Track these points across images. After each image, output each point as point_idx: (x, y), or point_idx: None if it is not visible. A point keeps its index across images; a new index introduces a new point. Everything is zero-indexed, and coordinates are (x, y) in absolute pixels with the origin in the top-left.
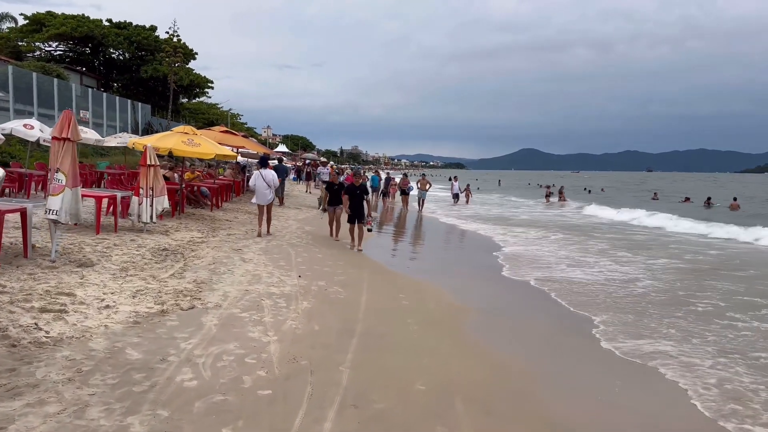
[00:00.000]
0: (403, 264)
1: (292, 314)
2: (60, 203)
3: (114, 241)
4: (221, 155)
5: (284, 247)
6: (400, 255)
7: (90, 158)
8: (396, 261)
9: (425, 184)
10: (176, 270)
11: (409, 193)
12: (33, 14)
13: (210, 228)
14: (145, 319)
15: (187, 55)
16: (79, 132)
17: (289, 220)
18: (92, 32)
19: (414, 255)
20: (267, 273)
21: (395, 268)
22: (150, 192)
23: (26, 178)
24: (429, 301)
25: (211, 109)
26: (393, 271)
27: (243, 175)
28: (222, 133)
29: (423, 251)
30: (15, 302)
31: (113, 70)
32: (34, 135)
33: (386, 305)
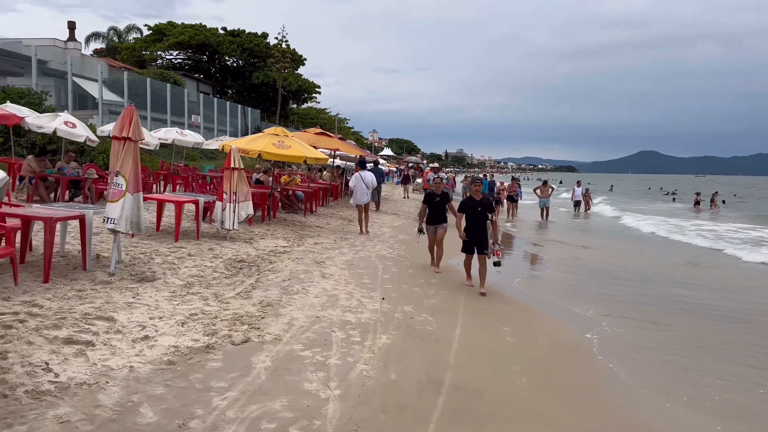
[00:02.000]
0: (510, 284)
1: (365, 353)
2: (119, 210)
3: (191, 250)
4: (312, 158)
5: (372, 260)
6: (508, 272)
7: (197, 161)
8: (502, 280)
9: (547, 190)
10: (245, 287)
11: (517, 200)
12: (155, 25)
13: (297, 236)
14: (184, 358)
15: (296, 60)
16: (141, 131)
17: (384, 227)
18: (208, 40)
19: (530, 273)
20: (346, 293)
21: (502, 289)
22: (234, 197)
23: None
24: (541, 338)
25: (320, 113)
26: (498, 293)
27: (342, 178)
28: (317, 135)
29: (542, 268)
30: (41, 329)
31: (227, 77)
32: None
33: (486, 343)
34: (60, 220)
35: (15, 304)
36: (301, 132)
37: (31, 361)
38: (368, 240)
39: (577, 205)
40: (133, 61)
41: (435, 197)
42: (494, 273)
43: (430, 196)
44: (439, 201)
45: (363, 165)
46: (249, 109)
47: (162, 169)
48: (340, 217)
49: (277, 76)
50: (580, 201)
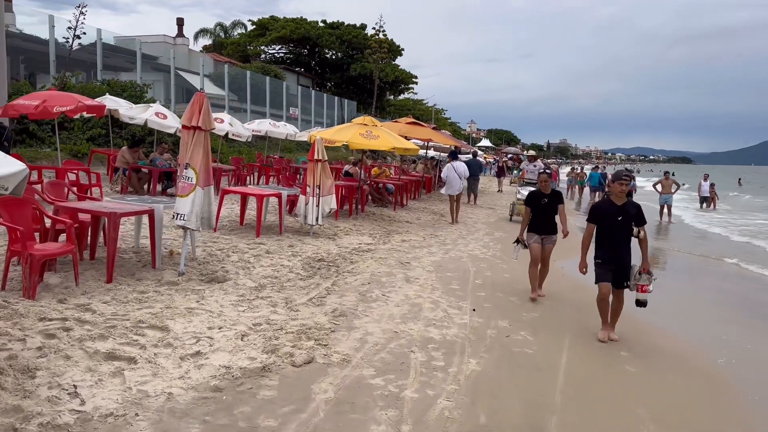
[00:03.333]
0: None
1: (449, 384)
2: (190, 206)
3: (270, 246)
4: (401, 149)
5: (463, 261)
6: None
7: (293, 153)
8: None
9: (669, 184)
10: (319, 292)
11: (631, 194)
12: (259, 20)
13: (384, 232)
14: (233, 383)
15: (393, 51)
16: (212, 120)
17: (478, 223)
18: (308, 33)
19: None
20: (431, 302)
21: None
22: (317, 190)
23: None
24: (667, 370)
25: (417, 104)
26: None
27: (436, 170)
28: (409, 124)
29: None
30: (84, 340)
31: (327, 69)
32: (223, 129)
33: (599, 373)
34: (124, 215)
35: (68, 307)
36: (392, 122)
37: (60, 382)
38: (460, 237)
39: (704, 201)
40: (237, 56)
41: (542, 197)
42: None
43: (534, 196)
44: (547, 203)
45: (455, 156)
46: (345, 101)
47: (258, 161)
48: (432, 211)
49: (373, 68)
50: (707, 197)
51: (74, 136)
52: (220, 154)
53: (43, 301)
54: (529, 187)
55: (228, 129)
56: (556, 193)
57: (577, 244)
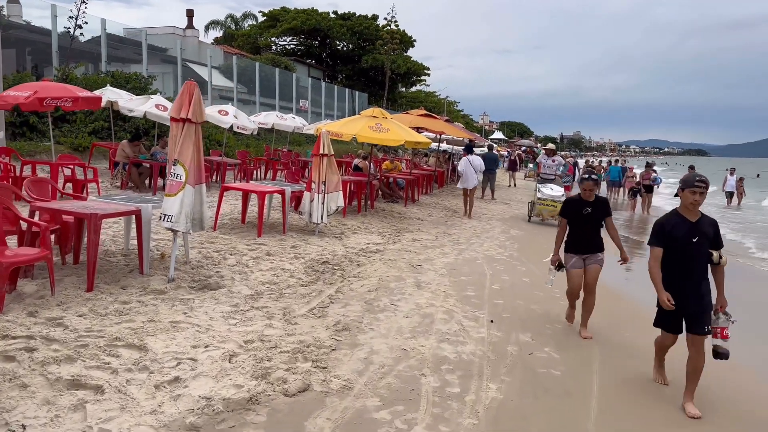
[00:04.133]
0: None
1: (466, 417)
2: (178, 206)
3: (271, 247)
4: (412, 142)
5: (478, 263)
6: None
7: (303, 146)
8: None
9: None
10: (322, 300)
11: (652, 191)
12: (269, 11)
13: (394, 230)
14: (213, 419)
15: (405, 42)
16: (203, 111)
17: (493, 219)
18: (319, 25)
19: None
20: (444, 312)
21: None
22: (323, 187)
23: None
24: (722, 395)
25: (429, 97)
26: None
27: (448, 164)
28: (421, 116)
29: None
30: (48, 363)
31: (338, 61)
32: (228, 122)
33: (637, 398)
34: (105, 217)
35: (38, 322)
36: (403, 114)
37: (8, 420)
38: (474, 235)
39: (730, 195)
40: (248, 48)
41: (583, 206)
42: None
43: (573, 205)
44: (590, 213)
45: (470, 150)
46: (356, 93)
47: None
48: (444, 207)
49: (385, 59)
50: (733, 192)
51: (76, 129)
52: (225, 148)
53: (10, 315)
54: (550, 185)
55: (233, 122)
56: (601, 201)
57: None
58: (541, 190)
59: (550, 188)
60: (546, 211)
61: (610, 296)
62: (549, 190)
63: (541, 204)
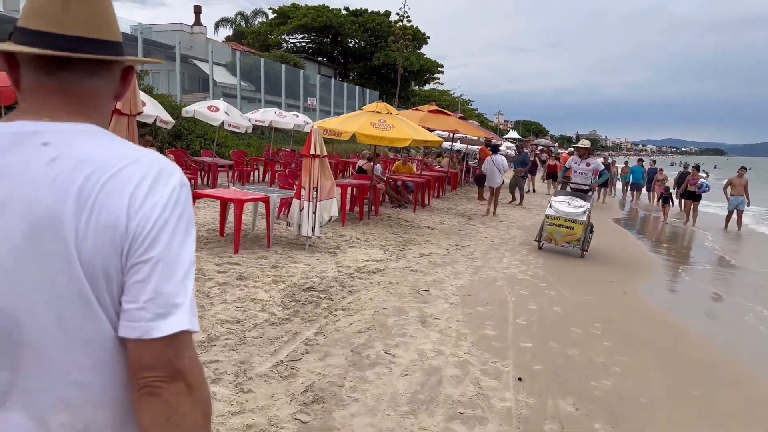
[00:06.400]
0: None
1: None
2: None
3: (248, 267)
4: (420, 140)
5: (498, 286)
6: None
7: None
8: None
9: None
10: (296, 347)
11: (699, 199)
12: (280, 8)
13: (399, 242)
14: None
15: (417, 39)
16: (138, 100)
17: (512, 227)
18: (330, 21)
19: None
20: (456, 364)
21: (742, 364)
22: (314, 194)
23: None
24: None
25: (443, 95)
26: (747, 373)
27: (462, 164)
28: (432, 113)
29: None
30: None
31: (349, 59)
32: (218, 119)
33: None
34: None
35: None
36: (413, 110)
37: None
38: (492, 248)
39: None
40: (258, 46)
41: None
42: None
43: None
44: None
45: (495, 150)
46: (367, 91)
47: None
48: (457, 212)
49: (397, 56)
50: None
51: None
52: (223, 148)
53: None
54: (566, 198)
55: (224, 119)
56: None
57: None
58: (553, 205)
59: (566, 202)
60: (558, 234)
61: (667, 328)
62: (564, 204)
63: (551, 223)
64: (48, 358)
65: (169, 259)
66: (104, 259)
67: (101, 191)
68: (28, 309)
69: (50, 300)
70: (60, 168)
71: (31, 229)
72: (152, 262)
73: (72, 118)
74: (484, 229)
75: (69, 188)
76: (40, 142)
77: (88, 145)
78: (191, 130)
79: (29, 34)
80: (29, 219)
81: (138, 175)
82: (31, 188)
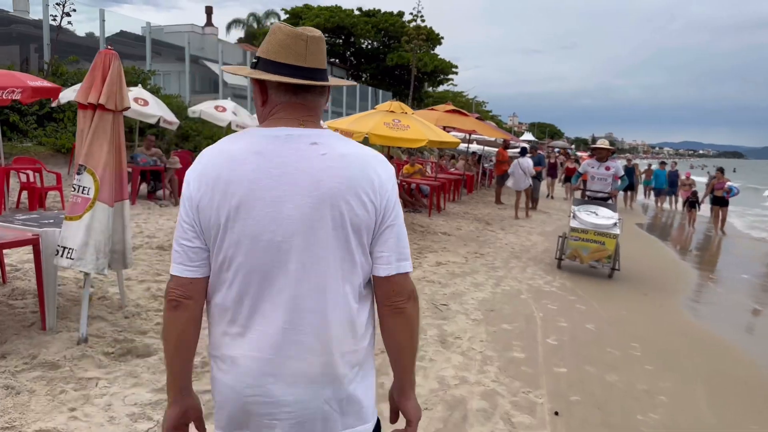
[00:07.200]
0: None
1: None
2: (83, 234)
3: None
4: (437, 141)
5: (523, 299)
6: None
7: None
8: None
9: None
10: None
11: (727, 204)
12: (292, 8)
13: (415, 249)
14: None
15: (432, 39)
16: (125, 94)
17: (533, 233)
18: (343, 22)
19: None
20: (483, 395)
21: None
22: None
23: None
24: None
25: (457, 97)
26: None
27: (478, 166)
28: (448, 113)
29: None
30: None
31: (362, 60)
32: (225, 119)
33: None
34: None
35: None
36: (428, 110)
37: None
38: (513, 256)
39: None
40: None
41: None
42: None
43: None
44: None
45: (524, 152)
46: (380, 92)
47: None
48: (475, 217)
49: (411, 57)
50: None
51: (62, 129)
52: None
53: None
54: (593, 208)
55: (231, 119)
56: None
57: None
58: (578, 215)
59: (593, 212)
60: (585, 251)
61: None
62: (591, 215)
63: (577, 238)
64: (322, 283)
65: (400, 224)
66: (365, 222)
67: (362, 176)
68: (314, 253)
69: (332, 248)
70: (331, 160)
71: (318, 201)
72: (394, 226)
73: (314, 125)
74: (504, 235)
75: (341, 173)
76: (309, 141)
77: (340, 144)
78: (199, 131)
79: (279, 65)
80: (315, 195)
81: (379, 165)
82: (313, 172)
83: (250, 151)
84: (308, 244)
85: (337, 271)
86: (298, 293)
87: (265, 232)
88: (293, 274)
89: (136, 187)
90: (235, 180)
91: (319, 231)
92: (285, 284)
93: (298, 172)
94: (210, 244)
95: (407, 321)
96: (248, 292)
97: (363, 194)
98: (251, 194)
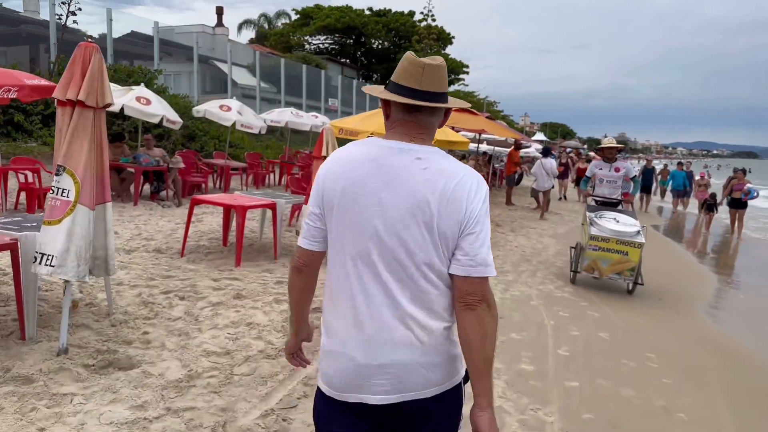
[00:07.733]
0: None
1: None
2: (64, 240)
3: (248, 283)
4: (446, 142)
5: (532, 306)
6: None
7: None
8: None
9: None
10: (292, 387)
11: (745, 207)
12: (303, 8)
13: None
14: None
15: (443, 38)
16: (107, 90)
17: (544, 236)
18: (354, 22)
19: None
20: None
21: None
22: None
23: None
24: None
25: (468, 97)
26: None
27: (488, 167)
28: (457, 112)
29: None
30: None
31: (373, 60)
32: (230, 118)
33: None
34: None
35: None
36: None
37: None
38: (523, 259)
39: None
40: (281, 47)
41: None
42: None
43: None
44: None
45: (546, 153)
46: None
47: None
48: None
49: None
50: None
51: None
52: (232, 149)
53: None
54: (613, 215)
55: (236, 119)
56: None
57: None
58: (597, 223)
59: (613, 218)
60: (605, 262)
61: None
62: (611, 221)
63: (596, 247)
64: (412, 279)
65: (483, 234)
66: (450, 228)
67: (453, 190)
68: (408, 249)
69: (420, 246)
70: (430, 174)
71: (414, 207)
72: (476, 234)
73: (425, 143)
74: (514, 237)
75: (436, 186)
76: (414, 156)
77: (442, 161)
78: (205, 131)
79: (401, 88)
80: (411, 201)
81: (471, 182)
82: (413, 183)
83: (367, 157)
84: (401, 240)
85: (421, 267)
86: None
87: (369, 225)
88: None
89: (138, 188)
90: (351, 179)
91: (413, 229)
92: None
93: (401, 180)
94: (328, 226)
95: (478, 319)
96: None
97: (450, 204)
98: (361, 191)
